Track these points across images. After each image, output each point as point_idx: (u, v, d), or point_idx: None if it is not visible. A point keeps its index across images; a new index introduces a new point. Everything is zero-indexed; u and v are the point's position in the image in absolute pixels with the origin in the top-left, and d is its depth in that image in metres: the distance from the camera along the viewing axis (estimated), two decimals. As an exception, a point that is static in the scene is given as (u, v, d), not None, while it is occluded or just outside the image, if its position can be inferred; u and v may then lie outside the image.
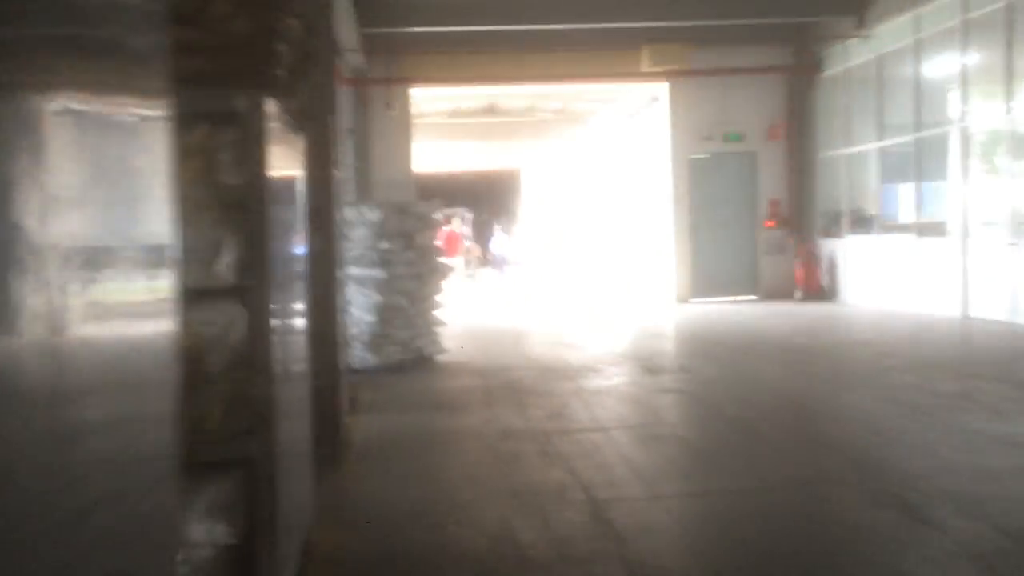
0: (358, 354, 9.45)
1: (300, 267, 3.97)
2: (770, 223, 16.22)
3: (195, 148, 2.77)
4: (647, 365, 9.15)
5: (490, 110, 26.72)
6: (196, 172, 2.77)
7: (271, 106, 3.01)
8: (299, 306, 3.93)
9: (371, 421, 7.17)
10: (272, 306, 3.01)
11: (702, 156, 16.17)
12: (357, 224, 9.41)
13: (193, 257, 2.79)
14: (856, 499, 4.53)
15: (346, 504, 4.97)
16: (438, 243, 10.31)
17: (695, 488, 4.96)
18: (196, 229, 2.81)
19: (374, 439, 6.57)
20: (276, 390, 3.08)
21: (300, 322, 4.00)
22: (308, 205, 5.79)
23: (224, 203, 2.86)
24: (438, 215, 10.64)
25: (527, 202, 35.68)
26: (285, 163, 3.54)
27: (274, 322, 3.08)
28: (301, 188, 4.06)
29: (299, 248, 4.09)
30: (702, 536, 4.20)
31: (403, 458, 5.96)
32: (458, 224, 20.22)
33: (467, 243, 24.70)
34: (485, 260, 27.19)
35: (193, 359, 2.87)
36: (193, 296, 2.89)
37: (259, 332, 2.97)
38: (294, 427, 3.72)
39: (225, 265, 2.84)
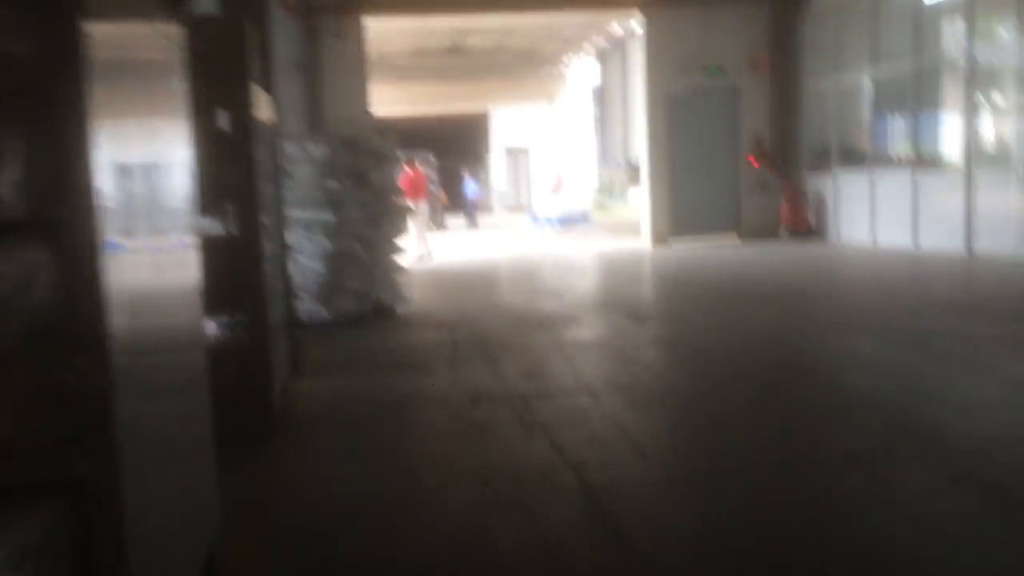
0: (307, 307, 8.39)
1: (183, 198, 2.89)
2: (753, 160, 15.22)
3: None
4: (632, 313, 8.18)
5: (455, 50, 25.30)
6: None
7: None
8: (182, 249, 2.86)
9: (318, 385, 6.15)
10: (106, 248, 1.94)
11: (680, 91, 15.07)
12: (300, 161, 8.26)
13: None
14: (925, 480, 3.60)
15: (274, 498, 3.96)
16: (399, 185, 9.27)
17: (715, 467, 4.00)
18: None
19: (319, 408, 5.56)
20: (121, 371, 2.04)
21: (185, 271, 2.93)
22: (215, 127, 4.70)
23: (3, 86, 1.78)
24: (394, 152, 9.48)
25: (496, 146, 34.38)
26: (137, 46, 2.44)
27: (118, 272, 2.03)
28: (180, 95, 2.96)
29: (185, 175, 3.00)
30: (742, 541, 3.24)
31: (352, 431, 4.95)
32: (422, 167, 19.06)
33: (433, 188, 23.50)
34: (453, 206, 26.04)
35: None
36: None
37: (82, 288, 1.90)
38: (173, 416, 2.68)
39: (9, 185, 1.76)
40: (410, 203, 18.25)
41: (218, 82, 4.57)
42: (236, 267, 4.78)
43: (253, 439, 4.74)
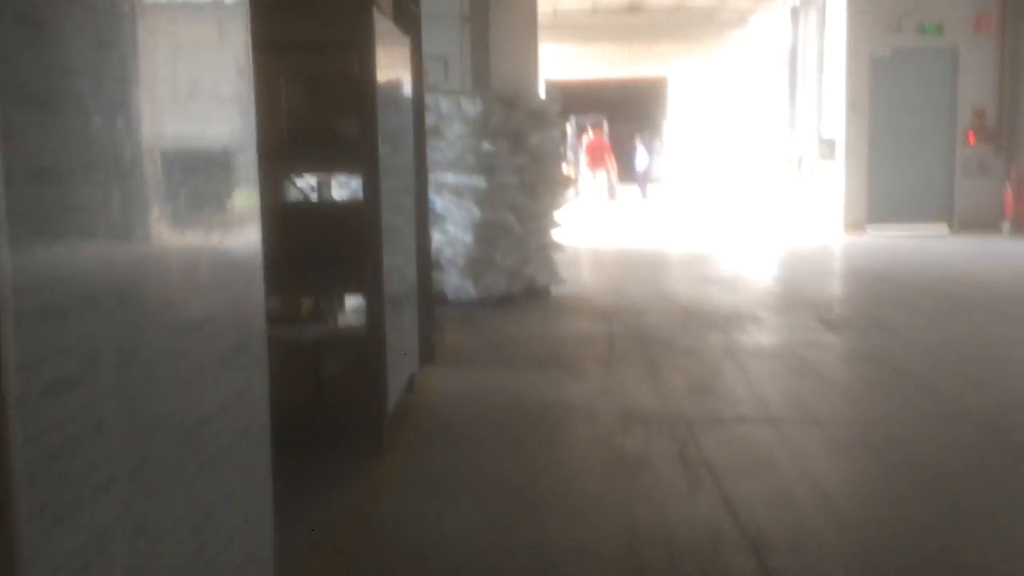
0: (454, 283, 7.63)
1: (229, 152, 2.06)
2: (972, 137, 13.19)
3: None
4: (824, 316, 6.89)
5: (633, 9, 23.94)
6: None
7: None
8: (220, 214, 2.03)
9: (451, 378, 5.35)
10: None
11: (887, 54, 13.23)
12: (453, 119, 7.45)
13: None
14: None
15: (362, 542, 3.14)
16: (584, 151, 8.36)
17: (964, 568, 2.84)
18: None
19: (446, 411, 4.74)
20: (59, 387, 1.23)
21: (227, 243, 2.10)
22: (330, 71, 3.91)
23: None
24: (557, 113, 8.51)
25: (673, 115, 32.68)
26: None
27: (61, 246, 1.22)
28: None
29: (236, 122, 2.17)
30: None
31: (478, 450, 4.10)
32: (604, 133, 17.95)
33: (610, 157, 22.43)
34: (624, 177, 24.81)
35: None
36: None
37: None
38: (193, 449, 1.85)
39: None
40: (591, 171, 17.27)
41: (332, 18, 3.78)
42: (350, 239, 4.01)
43: (360, 447, 4.00)
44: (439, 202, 7.46)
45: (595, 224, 14.36)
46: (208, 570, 1.99)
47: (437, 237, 7.29)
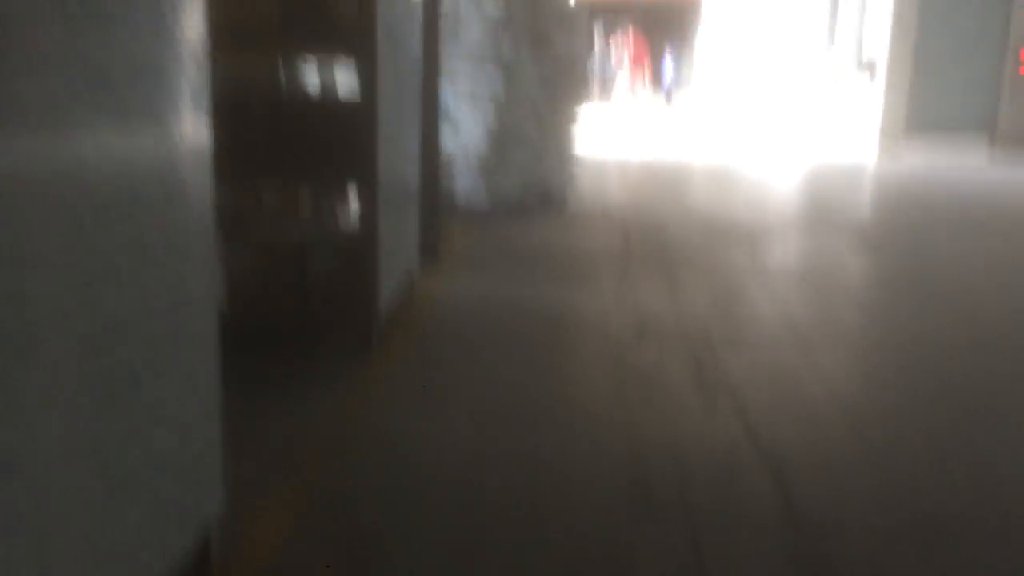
0: (465, 189, 7.28)
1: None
2: (1024, 54, 12.47)
3: None
4: (859, 236, 6.49)
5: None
6: None
7: None
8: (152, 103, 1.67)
9: (453, 283, 5.05)
10: None
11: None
12: (471, 18, 6.96)
13: None
14: None
15: (334, 452, 2.89)
16: (625, 51, 7.86)
17: (999, 495, 2.54)
18: None
19: (446, 315, 4.46)
20: None
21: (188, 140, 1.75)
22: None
23: None
24: (585, 16, 7.98)
25: (707, 26, 31.46)
26: None
27: None
28: None
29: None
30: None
31: (477, 359, 3.82)
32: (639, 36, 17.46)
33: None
34: (652, 85, 24.05)
35: None
36: None
37: None
38: (124, 353, 1.56)
39: None
40: (631, 71, 16.97)
41: None
42: (343, 128, 3.67)
43: (349, 348, 3.74)
44: (453, 105, 7.05)
45: (618, 134, 13.83)
46: (127, 503, 1.70)
47: (449, 141, 6.92)
